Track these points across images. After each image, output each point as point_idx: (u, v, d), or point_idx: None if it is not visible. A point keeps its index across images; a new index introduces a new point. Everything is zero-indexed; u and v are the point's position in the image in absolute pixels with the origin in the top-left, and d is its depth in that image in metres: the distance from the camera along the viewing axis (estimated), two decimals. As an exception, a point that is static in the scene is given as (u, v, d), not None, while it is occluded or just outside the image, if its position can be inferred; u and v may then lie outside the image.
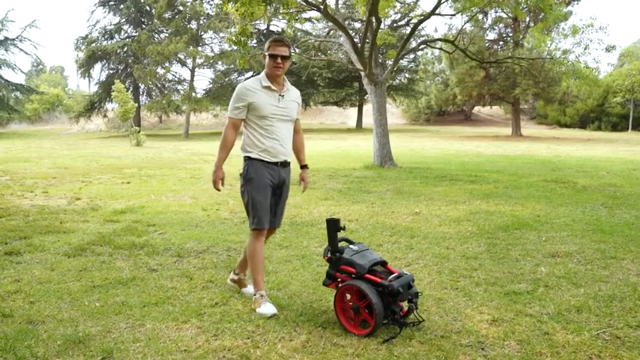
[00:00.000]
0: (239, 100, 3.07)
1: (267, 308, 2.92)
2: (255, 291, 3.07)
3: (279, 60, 3.03)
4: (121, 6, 34.40)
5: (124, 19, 35.29)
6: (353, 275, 2.76)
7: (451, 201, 6.76)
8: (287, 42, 3.09)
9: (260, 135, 3.07)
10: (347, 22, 17.74)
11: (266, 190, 3.05)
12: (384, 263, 2.82)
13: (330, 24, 18.51)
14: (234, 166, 12.43)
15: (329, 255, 2.87)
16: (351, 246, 2.92)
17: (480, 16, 27.98)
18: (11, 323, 2.77)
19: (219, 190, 3.21)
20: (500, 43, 30.37)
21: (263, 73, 3.13)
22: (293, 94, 3.21)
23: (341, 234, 2.92)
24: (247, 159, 3.12)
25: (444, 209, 6.16)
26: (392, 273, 2.74)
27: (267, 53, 3.05)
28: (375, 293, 2.61)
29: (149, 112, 35.57)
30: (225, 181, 3.26)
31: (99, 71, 36.29)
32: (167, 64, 32.66)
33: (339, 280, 2.87)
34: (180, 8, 32.79)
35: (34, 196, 7.25)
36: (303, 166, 3.35)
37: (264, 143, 3.06)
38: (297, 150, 3.35)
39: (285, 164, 3.14)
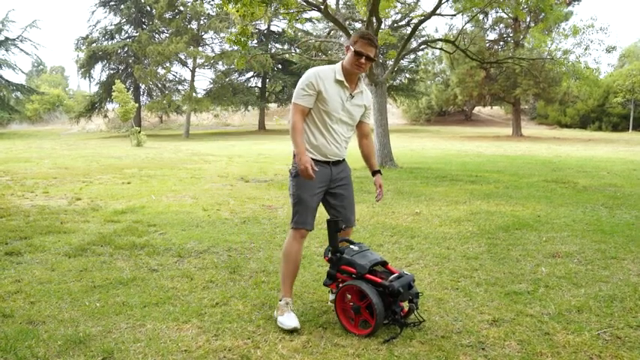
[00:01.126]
0: (309, 86, 2.73)
1: (289, 320, 2.68)
2: (281, 296, 2.85)
3: (363, 60, 2.72)
4: (122, 6, 34.44)
5: (124, 20, 35.33)
6: (353, 275, 2.76)
7: (452, 201, 6.76)
8: (376, 42, 2.78)
9: (316, 130, 2.81)
10: (347, 23, 17.73)
11: (313, 189, 2.80)
12: (384, 263, 2.81)
13: (330, 24, 18.52)
14: (236, 166, 12.47)
15: (329, 255, 2.86)
16: (351, 246, 2.89)
17: (481, 17, 27.99)
18: (12, 323, 2.77)
19: (312, 176, 2.67)
20: (501, 43, 30.37)
21: (339, 66, 2.82)
22: (364, 97, 2.92)
23: (342, 234, 2.92)
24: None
25: (445, 209, 6.16)
26: (392, 273, 2.74)
27: (352, 48, 2.73)
28: (375, 293, 2.60)
29: (150, 112, 35.62)
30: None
31: (99, 71, 36.42)
32: (168, 65, 32.70)
33: (339, 280, 2.87)
34: (181, 8, 32.82)
35: (34, 196, 7.25)
36: (376, 172, 3.04)
37: (318, 140, 2.81)
38: (367, 155, 3.05)
39: (338, 163, 2.91)
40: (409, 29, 20.66)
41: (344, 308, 2.76)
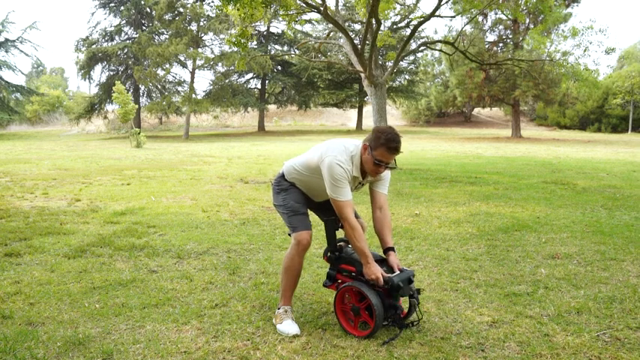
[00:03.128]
0: (345, 177, 2.57)
1: (289, 327, 2.66)
2: (280, 305, 2.82)
3: (383, 169, 2.58)
4: (122, 8, 34.47)
5: (124, 21, 35.35)
6: (353, 274, 2.76)
7: (451, 202, 6.76)
8: (400, 149, 2.55)
9: (308, 188, 2.83)
10: (347, 24, 17.75)
11: (301, 198, 2.84)
12: (383, 260, 2.82)
13: (330, 26, 18.54)
14: (235, 167, 12.44)
15: (328, 255, 2.87)
16: (350, 245, 2.90)
17: (480, 18, 28.05)
18: (11, 325, 2.77)
19: (380, 281, 2.56)
20: (500, 44, 30.41)
21: (358, 159, 2.61)
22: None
23: (340, 234, 2.92)
24: (285, 179, 2.88)
25: (444, 211, 6.16)
26: (393, 270, 2.74)
27: (373, 153, 2.52)
28: (374, 294, 2.60)
29: (149, 113, 35.58)
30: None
31: (99, 73, 36.45)
32: (167, 66, 32.69)
33: (339, 281, 2.87)
34: (181, 10, 32.84)
35: (34, 197, 7.25)
36: (389, 249, 2.73)
37: (308, 192, 2.85)
38: (380, 230, 2.77)
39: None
40: (408, 31, 20.69)
41: (343, 310, 2.75)
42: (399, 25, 29.25)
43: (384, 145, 2.50)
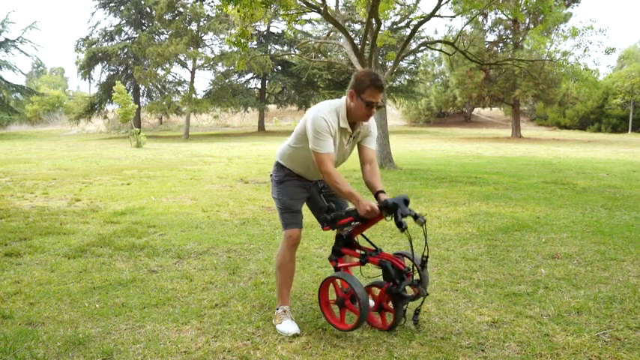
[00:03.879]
0: (326, 130, 2.58)
1: (289, 326, 2.67)
2: (278, 305, 2.83)
3: (374, 109, 2.59)
4: (122, 7, 34.48)
5: (124, 21, 35.36)
6: (353, 223, 2.69)
7: (451, 202, 6.76)
8: (383, 86, 2.59)
9: (302, 163, 2.78)
10: (347, 24, 17.76)
11: (297, 194, 2.83)
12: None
13: (330, 25, 18.54)
14: (235, 167, 12.44)
15: (325, 221, 2.74)
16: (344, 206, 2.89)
17: (480, 18, 28.05)
18: (11, 324, 2.77)
19: (377, 214, 2.59)
20: (500, 44, 30.42)
21: (344, 110, 2.63)
22: (364, 130, 2.77)
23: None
24: (281, 166, 2.87)
25: (444, 211, 6.16)
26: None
27: (361, 97, 2.56)
28: (358, 284, 2.56)
29: (149, 113, 35.61)
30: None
31: (99, 73, 36.52)
32: (167, 66, 32.71)
33: (344, 255, 2.86)
34: (181, 10, 32.86)
35: (34, 197, 7.25)
36: (379, 192, 2.69)
37: (302, 170, 2.82)
38: (369, 182, 2.75)
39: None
40: (408, 31, 20.67)
41: (327, 302, 2.75)
42: (399, 25, 29.21)
43: (371, 85, 2.55)
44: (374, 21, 10.54)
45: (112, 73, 35.73)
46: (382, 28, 12.41)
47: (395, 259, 2.68)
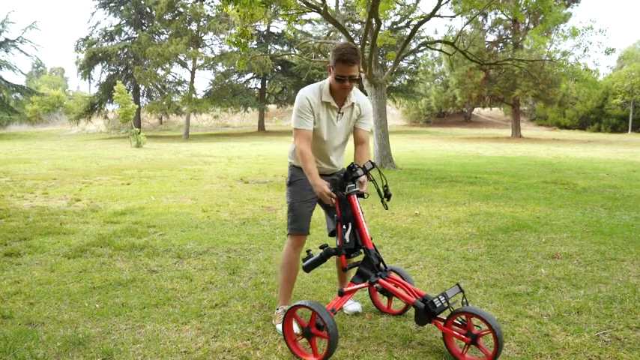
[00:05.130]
0: (305, 108, 2.65)
1: None
2: (279, 305, 2.85)
3: (347, 83, 2.59)
4: (122, 7, 34.49)
5: (124, 21, 35.37)
6: (344, 227, 2.61)
7: (451, 202, 6.76)
8: (357, 59, 2.56)
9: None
10: (347, 24, 17.75)
11: (306, 197, 2.80)
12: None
13: (330, 25, 18.53)
14: (235, 167, 12.44)
15: (332, 250, 2.62)
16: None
17: (480, 18, 28.06)
18: (11, 324, 2.77)
19: (333, 199, 2.57)
20: (500, 44, 30.42)
21: (326, 84, 2.69)
22: (357, 108, 2.76)
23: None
24: (291, 165, 2.90)
25: (444, 211, 6.16)
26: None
27: (336, 73, 2.59)
28: (326, 312, 2.34)
29: (149, 113, 35.61)
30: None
31: (99, 72, 36.52)
32: (167, 66, 32.71)
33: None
34: (181, 10, 32.86)
35: (34, 197, 7.25)
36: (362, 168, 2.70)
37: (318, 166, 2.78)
38: (359, 160, 2.76)
39: (334, 173, 2.82)
40: (408, 31, 20.66)
41: (294, 340, 2.49)
42: (399, 25, 29.20)
43: (339, 60, 2.55)
44: (374, 21, 10.54)
45: (112, 73, 35.73)
46: (382, 28, 12.41)
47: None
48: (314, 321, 2.41)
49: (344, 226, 2.59)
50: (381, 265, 2.62)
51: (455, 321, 2.37)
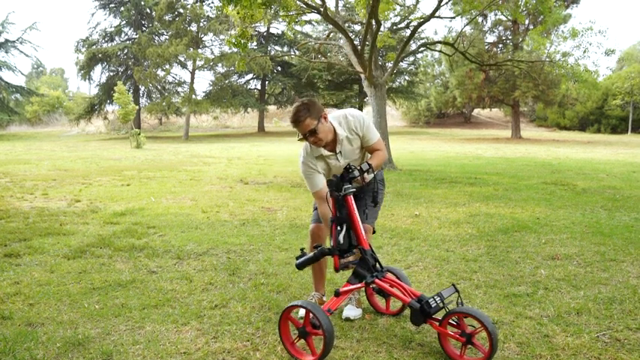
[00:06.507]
0: (309, 167, 2.78)
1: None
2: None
3: (310, 138, 2.65)
4: (122, 8, 34.51)
5: (124, 22, 35.38)
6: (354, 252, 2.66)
7: (451, 203, 6.76)
8: (301, 116, 2.59)
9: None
10: (347, 25, 17.77)
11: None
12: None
13: (330, 26, 18.53)
14: (235, 168, 12.43)
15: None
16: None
17: (480, 19, 28.08)
18: (10, 325, 2.77)
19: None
20: (500, 45, 30.43)
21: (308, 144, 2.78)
22: (350, 140, 2.80)
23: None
24: None
25: (444, 212, 6.16)
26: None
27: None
28: (325, 317, 2.36)
29: (149, 114, 35.62)
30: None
31: (99, 73, 36.48)
32: (167, 67, 32.71)
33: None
34: (181, 11, 32.88)
35: (33, 198, 7.25)
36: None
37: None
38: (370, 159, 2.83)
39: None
40: (408, 32, 20.69)
41: (292, 342, 2.50)
42: (399, 26, 29.25)
43: (291, 124, 2.68)
44: (374, 22, 10.54)
45: (111, 73, 35.74)
46: (382, 29, 12.41)
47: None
48: (308, 320, 2.43)
49: (338, 227, 2.61)
50: (377, 265, 2.65)
51: (450, 321, 2.39)
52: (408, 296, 2.52)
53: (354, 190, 2.65)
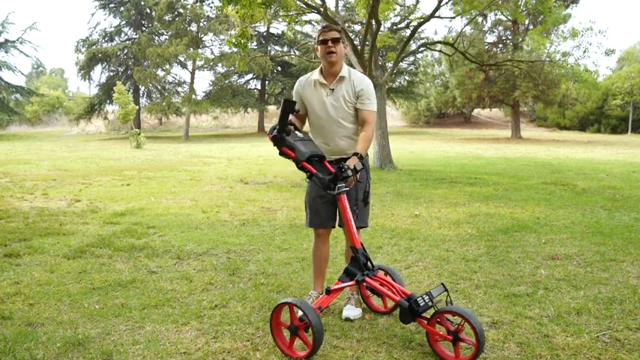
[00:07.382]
0: (295, 93, 3.02)
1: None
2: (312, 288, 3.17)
3: (330, 44, 2.79)
4: (122, 8, 34.50)
5: (124, 22, 35.38)
6: (291, 158, 2.67)
7: (451, 203, 6.76)
8: (334, 27, 2.87)
9: (313, 133, 2.99)
10: (347, 25, 17.77)
11: (313, 192, 2.95)
12: (322, 158, 2.77)
13: (330, 26, 18.53)
14: (235, 168, 12.44)
15: (274, 133, 2.67)
16: (297, 132, 2.80)
17: (480, 19, 28.08)
18: (10, 325, 2.77)
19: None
20: (500, 45, 30.43)
21: (318, 68, 2.97)
22: (348, 84, 2.86)
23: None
24: None
25: (444, 212, 6.16)
26: (329, 172, 2.68)
27: (317, 45, 2.86)
28: (315, 315, 2.37)
29: (149, 114, 35.62)
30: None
31: (99, 73, 36.50)
32: (167, 67, 32.71)
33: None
34: (181, 11, 32.88)
35: (33, 198, 7.24)
36: (354, 154, 2.76)
37: (316, 141, 2.93)
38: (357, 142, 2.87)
39: (342, 160, 2.79)
40: (408, 32, 20.68)
41: (279, 323, 2.52)
42: (399, 26, 29.23)
43: (320, 31, 2.87)
44: (374, 22, 10.55)
45: (111, 73, 35.74)
46: (382, 29, 12.42)
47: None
48: (294, 316, 2.47)
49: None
50: (369, 264, 2.69)
51: (437, 320, 2.40)
52: (398, 294, 2.55)
53: (348, 189, 2.67)
